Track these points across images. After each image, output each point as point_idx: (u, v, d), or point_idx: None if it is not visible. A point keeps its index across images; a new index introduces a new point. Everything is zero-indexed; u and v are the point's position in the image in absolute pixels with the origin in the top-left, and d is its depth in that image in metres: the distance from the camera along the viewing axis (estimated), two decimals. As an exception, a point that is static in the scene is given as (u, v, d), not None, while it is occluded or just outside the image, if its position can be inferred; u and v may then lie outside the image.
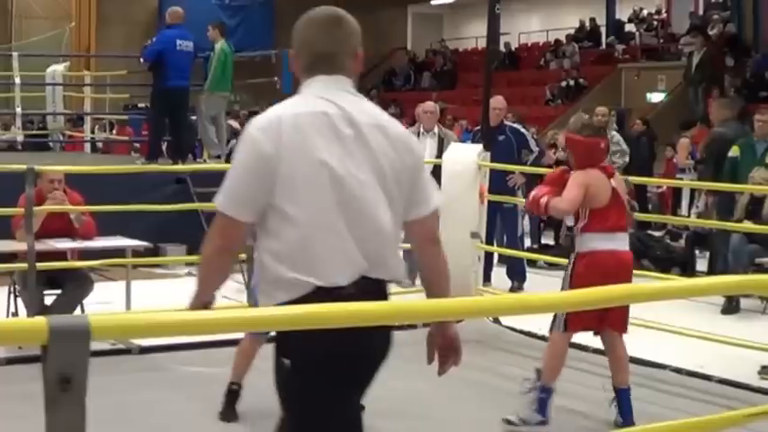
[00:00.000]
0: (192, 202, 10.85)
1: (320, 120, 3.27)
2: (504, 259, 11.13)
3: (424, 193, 3.47)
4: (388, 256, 3.36)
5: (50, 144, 19.28)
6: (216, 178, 12.57)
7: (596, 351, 7.12)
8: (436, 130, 10.80)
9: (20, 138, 17.33)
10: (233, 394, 6.20)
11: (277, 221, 3.27)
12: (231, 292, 8.64)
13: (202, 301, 3.45)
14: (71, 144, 19.31)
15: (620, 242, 6.30)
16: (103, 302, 8.30)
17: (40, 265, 7.66)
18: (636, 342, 7.81)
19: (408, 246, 3.65)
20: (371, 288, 3.27)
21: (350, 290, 3.22)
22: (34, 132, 21.12)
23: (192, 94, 13.57)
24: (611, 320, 6.24)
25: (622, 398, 6.27)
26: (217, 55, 13.11)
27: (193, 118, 13.87)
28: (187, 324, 2.51)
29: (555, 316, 6.26)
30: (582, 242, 6.29)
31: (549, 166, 12.47)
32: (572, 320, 6.19)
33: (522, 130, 11.05)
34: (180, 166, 12.08)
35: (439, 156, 9.59)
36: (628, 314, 6.36)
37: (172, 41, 12.66)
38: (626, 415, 6.21)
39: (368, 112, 3.36)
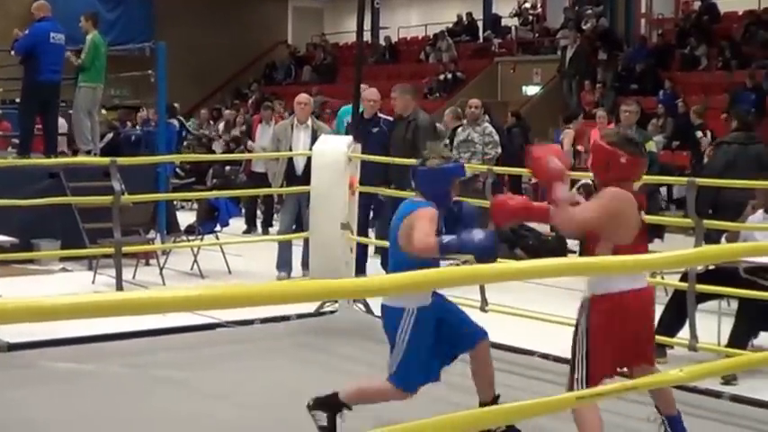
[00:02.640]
0: (65, 197, 10.76)
1: None
2: (378, 251, 11.24)
3: None
4: None
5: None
6: (89, 173, 12.33)
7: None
8: (309, 122, 10.84)
9: None
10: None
11: None
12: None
13: None
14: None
15: (641, 278, 5.16)
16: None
17: None
18: (503, 329, 7.98)
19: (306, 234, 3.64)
20: None
21: None
22: None
23: (67, 88, 13.36)
24: (644, 356, 5.21)
25: (676, 425, 5.41)
26: (87, 46, 12.91)
27: (70, 112, 13.68)
28: None
29: (571, 377, 5.08)
30: (598, 281, 5.06)
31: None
32: (594, 371, 5.00)
33: (397, 122, 11.14)
34: (52, 161, 11.90)
35: (312, 147, 9.62)
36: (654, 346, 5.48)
37: (45, 34, 12.41)
38: None
39: None
